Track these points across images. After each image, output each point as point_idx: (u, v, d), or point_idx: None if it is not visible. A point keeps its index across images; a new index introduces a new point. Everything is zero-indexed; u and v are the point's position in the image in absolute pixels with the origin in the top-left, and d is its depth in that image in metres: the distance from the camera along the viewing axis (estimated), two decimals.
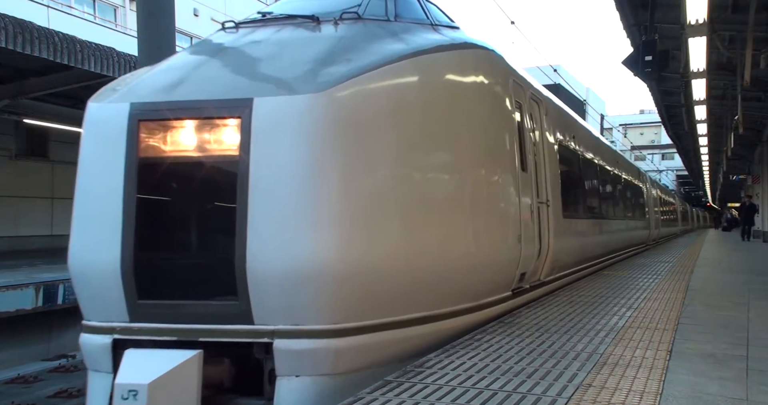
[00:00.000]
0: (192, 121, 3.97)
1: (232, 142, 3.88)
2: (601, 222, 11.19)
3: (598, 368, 3.70)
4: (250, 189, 3.74)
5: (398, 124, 4.29)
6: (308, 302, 3.79)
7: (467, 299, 4.92)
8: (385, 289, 4.07)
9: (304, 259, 3.74)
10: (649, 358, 3.96)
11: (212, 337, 3.82)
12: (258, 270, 3.71)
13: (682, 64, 11.61)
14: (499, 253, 5.30)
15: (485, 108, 5.39)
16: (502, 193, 5.46)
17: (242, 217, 3.74)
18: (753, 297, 6.99)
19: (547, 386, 3.31)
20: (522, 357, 3.97)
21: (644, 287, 7.91)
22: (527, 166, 6.22)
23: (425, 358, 3.94)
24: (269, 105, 3.85)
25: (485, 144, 5.28)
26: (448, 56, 4.97)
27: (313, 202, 3.78)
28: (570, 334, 4.75)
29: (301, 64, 4.20)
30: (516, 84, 6.19)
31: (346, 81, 4.00)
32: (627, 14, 11.27)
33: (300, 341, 3.78)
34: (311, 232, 3.78)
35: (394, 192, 4.14)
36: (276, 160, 3.79)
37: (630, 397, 3.14)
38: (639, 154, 57.97)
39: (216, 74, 4.33)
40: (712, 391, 3.27)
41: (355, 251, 3.89)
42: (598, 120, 32.85)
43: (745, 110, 15.06)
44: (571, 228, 8.29)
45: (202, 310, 3.85)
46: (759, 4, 9.31)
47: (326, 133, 3.87)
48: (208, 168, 3.96)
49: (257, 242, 3.72)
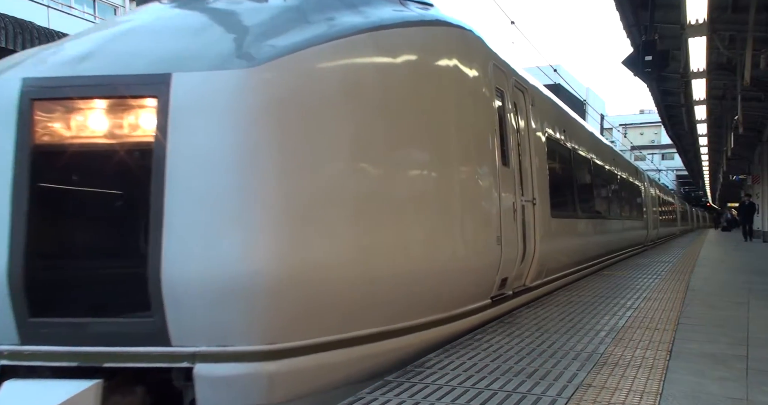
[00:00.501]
0: (99, 101, 3.32)
1: (147, 127, 3.27)
2: (595, 222, 10.59)
3: (598, 368, 3.70)
4: (167, 182, 3.14)
5: (352, 109, 3.68)
6: (237, 318, 3.18)
7: (436, 310, 4.36)
8: (333, 300, 3.49)
9: (233, 265, 3.14)
10: (649, 358, 3.96)
11: (120, 361, 3.16)
12: (175, 279, 3.09)
13: (682, 64, 11.62)
14: (474, 257, 4.74)
15: (458, 94, 4.76)
16: (479, 189, 4.88)
17: (157, 216, 3.12)
18: (753, 297, 6.99)
19: (547, 386, 3.31)
20: (522, 357, 3.97)
21: (644, 287, 7.91)
22: (509, 161, 5.67)
23: (425, 358, 3.93)
24: (191, 82, 3.24)
25: (458, 134, 4.67)
26: (415, 33, 4.35)
27: (243, 197, 3.19)
28: (570, 334, 4.74)
29: (237, 36, 3.61)
30: (497, 69, 5.60)
31: (287, 55, 3.40)
32: (627, 14, 11.29)
33: (227, 366, 3.17)
34: (241, 233, 3.17)
35: (345, 188, 3.56)
36: (199, 148, 3.19)
37: (630, 397, 3.14)
38: (639, 154, 57.97)
39: (135, 46, 3.57)
40: (712, 391, 3.27)
41: (296, 256, 3.29)
42: (598, 120, 32.84)
43: (745, 110, 15.07)
44: (560, 228, 7.70)
45: (109, 329, 3.18)
46: (759, 4, 9.32)
47: (261, 117, 3.28)
48: (118, 158, 3.31)
49: (175, 246, 3.10)
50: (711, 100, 15.39)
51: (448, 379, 3.43)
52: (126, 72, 3.29)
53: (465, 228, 4.66)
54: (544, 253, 6.65)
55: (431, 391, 3.21)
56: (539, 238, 6.43)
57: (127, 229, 3.38)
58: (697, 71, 11.76)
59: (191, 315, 3.14)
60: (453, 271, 4.43)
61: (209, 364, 3.16)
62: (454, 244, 4.50)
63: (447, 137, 4.53)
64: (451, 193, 4.50)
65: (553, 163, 7.81)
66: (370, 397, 3.14)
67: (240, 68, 3.29)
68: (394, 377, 3.50)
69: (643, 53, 9.69)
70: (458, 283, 4.56)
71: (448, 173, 4.48)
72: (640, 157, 56.80)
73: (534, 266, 6.40)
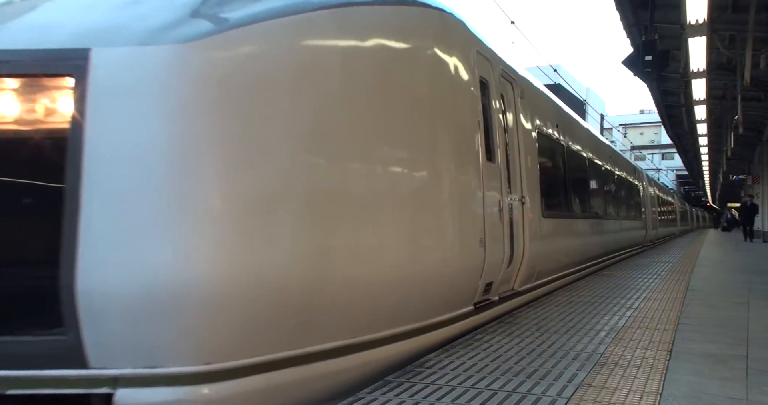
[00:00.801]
0: (4, 80, 2.84)
1: (62, 111, 2.80)
2: (591, 222, 10.24)
3: (598, 368, 3.70)
4: (83, 176, 2.68)
5: (308, 95, 3.25)
6: (168, 334, 2.73)
7: (409, 320, 3.99)
8: (284, 312, 3.07)
9: (163, 273, 2.69)
10: (649, 358, 3.96)
11: (27, 388, 2.69)
12: (93, 291, 2.63)
13: (682, 64, 11.63)
14: (453, 261, 4.38)
15: (433, 82, 4.38)
16: (458, 187, 4.51)
17: (71, 216, 2.66)
18: (753, 297, 6.99)
19: (547, 386, 3.31)
20: (522, 357, 3.97)
21: (644, 287, 7.91)
22: (494, 157, 5.33)
23: (425, 358, 3.93)
24: (115, 59, 2.76)
25: (432, 127, 4.28)
26: (386, 13, 3.95)
27: (174, 194, 2.77)
28: (570, 334, 4.74)
29: (172, 8, 3.08)
30: (480, 56, 5.20)
31: (231, 30, 2.98)
32: (627, 14, 11.30)
33: (156, 391, 2.71)
34: (173, 236, 2.72)
35: (298, 184, 3.14)
36: (122, 137, 2.73)
37: (630, 397, 3.14)
38: (639, 154, 58.02)
39: (51, 17, 3.08)
40: (712, 391, 3.27)
41: (238, 263, 2.85)
42: (598, 120, 32.86)
43: (745, 110, 15.08)
44: (553, 229, 7.33)
45: (13, 349, 2.69)
46: (759, 4, 9.32)
47: (197, 100, 2.85)
48: (27, 148, 2.85)
49: (92, 251, 2.65)
50: (711, 100, 15.40)
51: (448, 379, 3.43)
52: (38, 47, 2.81)
53: (442, 229, 4.30)
54: (535, 254, 6.31)
55: (431, 391, 3.21)
56: (529, 239, 6.10)
57: (36, 232, 2.88)
58: (697, 71, 11.77)
59: (112, 332, 2.66)
60: (426, 277, 4.06)
61: (134, 389, 2.69)
62: (427, 248, 4.12)
63: (420, 129, 4.14)
64: (426, 192, 4.13)
65: (545, 160, 7.48)
66: (370, 397, 3.13)
67: (173, 43, 2.81)
68: (394, 377, 3.50)
69: (643, 53, 9.69)
70: (432, 290, 4.18)
71: (422, 169, 4.11)
72: (640, 157, 56.84)
73: (523, 269, 6.06)
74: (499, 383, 3.37)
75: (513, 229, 5.73)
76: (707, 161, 32.05)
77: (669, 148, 52.54)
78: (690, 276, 9.43)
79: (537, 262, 6.54)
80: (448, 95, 4.57)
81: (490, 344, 4.35)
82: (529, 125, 6.70)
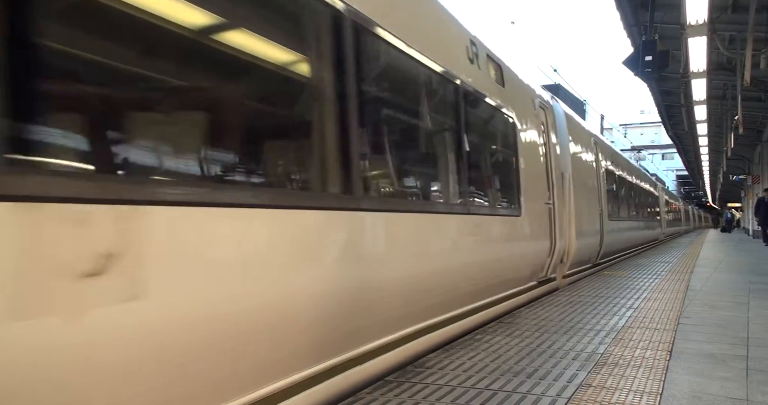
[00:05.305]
0: None
1: None
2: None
3: (598, 368, 3.70)
4: None
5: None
6: None
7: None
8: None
9: None
10: (649, 358, 3.96)
11: None
12: None
13: (682, 64, 11.61)
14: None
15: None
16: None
17: None
18: (753, 297, 6.99)
19: (547, 386, 3.31)
20: (522, 357, 3.97)
21: (644, 287, 7.91)
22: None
23: (425, 358, 3.93)
24: None
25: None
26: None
27: None
28: (570, 334, 4.74)
29: None
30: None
31: None
32: (627, 14, 11.30)
33: None
34: None
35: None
36: None
37: (630, 397, 3.14)
38: (639, 154, 57.98)
39: None
40: (712, 391, 3.27)
41: None
42: (597, 120, 32.87)
43: (745, 110, 15.06)
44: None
45: None
46: (759, 4, 9.32)
47: None
48: None
49: None
50: (711, 100, 15.38)
51: (448, 379, 3.43)
52: None
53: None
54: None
55: (431, 391, 3.21)
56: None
57: None
58: (697, 71, 11.75)
59: None
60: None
61: None
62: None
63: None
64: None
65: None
66: (370, 397, 3.13)
67: None
68: (394, 377, 3.50)
69: (643, 53, 9.70)
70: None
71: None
72: (639, 158, 56.81)
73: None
74: (500, 383, 3.37)
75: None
76: (707, 161, 32.03)
77: (669, 148, 52.51)
78: (690, 276, 9.43)
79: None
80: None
81: (490, 344, 4.35)
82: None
